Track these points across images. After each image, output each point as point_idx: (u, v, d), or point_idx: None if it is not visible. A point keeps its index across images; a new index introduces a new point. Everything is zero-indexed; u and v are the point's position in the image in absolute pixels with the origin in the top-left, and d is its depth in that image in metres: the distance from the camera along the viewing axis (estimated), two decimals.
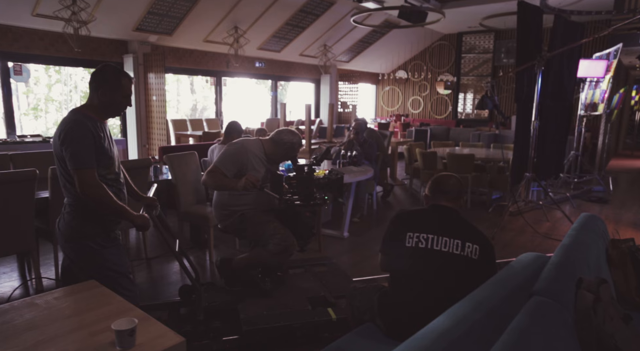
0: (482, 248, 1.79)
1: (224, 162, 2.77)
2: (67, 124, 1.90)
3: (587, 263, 1.80)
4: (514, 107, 10.27)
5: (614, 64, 6.93)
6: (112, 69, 2.00)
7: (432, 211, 1.94)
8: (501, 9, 8.33)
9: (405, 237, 1.85)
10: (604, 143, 8.05)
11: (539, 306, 1.30)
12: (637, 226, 5.20)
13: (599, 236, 2.18)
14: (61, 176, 1.98)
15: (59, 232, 2.04)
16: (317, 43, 10.06)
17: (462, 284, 1.71)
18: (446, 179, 1.98)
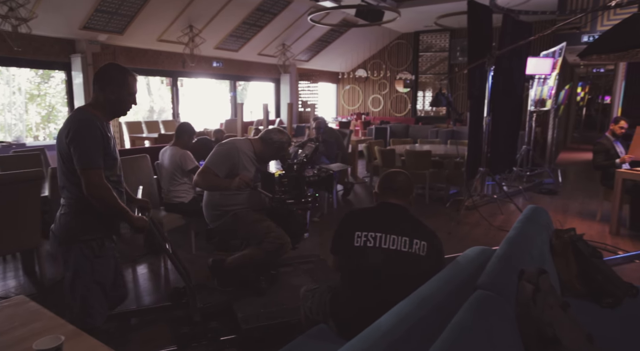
0: (430, 244, 1.80)
1: (216, 162, 2.78)
2: (76, 123, 1.87)
3: (531, 254, 1.84)
4: (468, 104, 10.58)
5: (560, 61, 7.24)
6: (117, 67, 1.99)
7: (381, 209, 1.93)
8: (454, 8, 8.54)
9: (354, 236, 1.83)
10: (553, 137, 8.41)
11: (481, 301, 1.31)
12: (582, 215, 5.46)
13: (543, 227, 2.24)
14: (62, 176, 1.94)
15: (53, 235, 1.99)
16: (275, 42, 9.98)
17: (411, 282, 1.71)
18: (394, 176, 1.98)
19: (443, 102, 5.32)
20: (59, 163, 1.95)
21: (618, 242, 4.41)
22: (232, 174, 2.77)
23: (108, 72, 1.97)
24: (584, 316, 1.67)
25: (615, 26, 3.92)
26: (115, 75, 1.97)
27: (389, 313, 1.25)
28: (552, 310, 1.49)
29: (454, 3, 8.26)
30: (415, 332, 1.16)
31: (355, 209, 1.97)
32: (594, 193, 6.51)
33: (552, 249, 2.22)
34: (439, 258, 1.83)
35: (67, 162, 1.90)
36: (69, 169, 1.91)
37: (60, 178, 1.96)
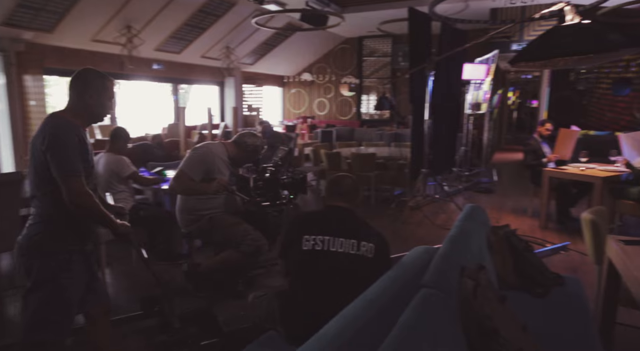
0: (377, 246, 1.84)
1: (191, 167, 2.80)
2: (53, 129, 1.81)
3: (471, 251, 1.94)
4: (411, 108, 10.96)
5: (493, 68, 7.69)
6: (94, 72, 1.96)
7: (329, 212, 1.96)
8: (396, 14, 8.82)
9: (302, 240, 1.84)
10: (489, 139, 8.91)
11: (426, 299, 1.36)
12: (516, 211, 5.82)
13: (481, 224, 2.37)
14: (33, 185, 1.87)
15: (18, 245, 1.89)
16: (219, 45, 9.80)
17: (360, 284, 1.74)
18: (341, 180, 2.01)
19: (386, 105, 5.48)
20: (30, 171, 1.87)
21: (546, 235, 4.75)
22: (207, 178, 2.79)
23: (86, 76, 1.93)
24: (517, 307, 1.77)
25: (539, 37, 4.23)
26: (94, 79, 1.93)
27: (336, 317, 1.27)
28: (491, 303, 1.57)
29: (396, 10, 8.54)
30: (364, 335, 1.19)
31: (303, 213, 1.98)
32: (525, 191, 6.95)
33: (489, 245, 2.36)
34: (386, 259, 1.88)
35: (40, 171, 1.83)
36: (41, 178, 1.83)
37: (31, 187, 1.88)
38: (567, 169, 4.82)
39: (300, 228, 1.89)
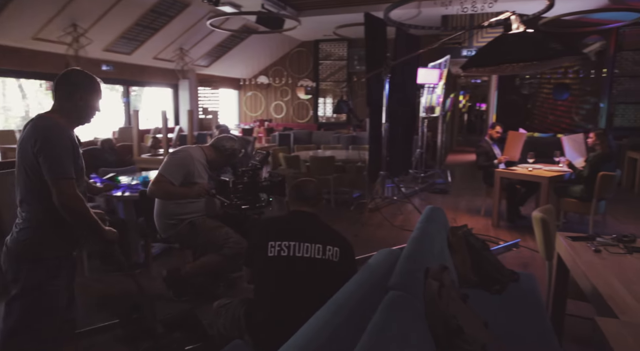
0: (342, 249, 1.85)
1: (171, 171, 2.78)
2: (44, 131, 1.77)
3: (433, 252, 1.99)
4: (367, 111, 11.13)
5: (445, 72, 7.97)
6: (83, 73, 1.93)
7: (293, 217, 1.94)
8: (352, 19, 8.93)
9: (267, 246, 1.81)
10: (442, 141, 9.21)
11: (394, 301, 1.37)
12: (470, 211, 6.04)
13: (441, 225, 2.44)
14: (23, 188, 1.82)
15: (8, 250, 1.83)
16: (172, 46, 9.53)
17: (326, 288, 1.74)
18: (305, 184, 2.00)
19: (344, 109, 5.54)
20: (20, 174, 1.83)
21: (499, 233, 4.96)
22: (187, 182, 2.79)
23: (75, 77, 1.89)
24: (477, 304, 1.83)
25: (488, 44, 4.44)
26: (83, 81, 1.90)
27: (307, 324, 1.25)
28: (454, 302, 1.62)
29: (352, 14, 8.66)
30: (336, 340, 1.18)
31: (267, 219, 1.96)
32: (478, 191, 7.24)
33: (449, 245, 2.43)
34: (351, 263, 1.89)
35: (31, 174, 1.79)
36: (32, 181, 1.80)
37: (21, 191, 1.84)
38: (517, 170, 5.06)
39: (265, 235, 1.86)
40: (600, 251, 2.20)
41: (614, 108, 10.24)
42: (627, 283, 1.83)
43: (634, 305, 1.63)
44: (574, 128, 10.38)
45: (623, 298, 1.68)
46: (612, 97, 10.18)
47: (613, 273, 1.94)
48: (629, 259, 2.13)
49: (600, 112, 10.25)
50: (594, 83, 10.25)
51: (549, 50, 3.68)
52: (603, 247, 2.24)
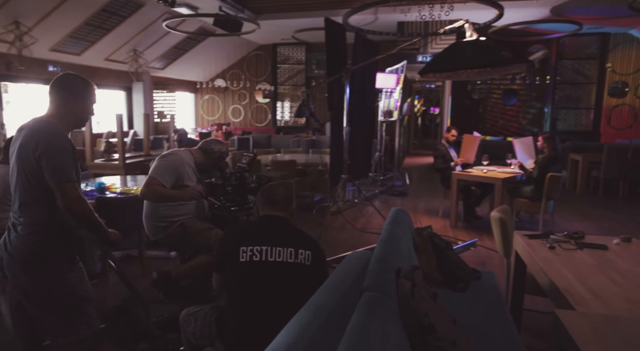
0: (314, 253, 1.86)
1: (162, 173, 2.81)
2: (46, 135, 1.78)
3: (402, 253, 2.04)
4: (327, 115, 11.23)
5: (402, 77, 8.18)
6: (78, 77, 1.95)
7: (264, 222, 1.93)
8: (311, 23, 9.00)
9: (239, 252, 1.79)
10: (400, 144, 9.44)
11: (370, 302, 1.40)
12: (429, 213, 6.22)
13: (407, 227, 2.50)
14: (24, 192, 1.81)
15: (11, 258, 1.82)
16: (125, 47, 9.20)
17: (300, 292, 1.74)
18: (274, 189, 2.00)
19: (306, 113, 5.56)
20: (20, 179, 1.82)
21: (457, 233, 5.15)
22: (178, 184, 2.85)
23: (70, 82, 1.91)
24: (444, 302, 1.89)
25: (444, 51, 4.61)
26: (79, 85, 1.91)
27: (287, 327, 1.25)
28: (425, 301, 1.67)
29: (310, 19, 8.71)
30: (318, 342, 1.19)
31: (238, 224, 1.93)
32: (435, 193, 7.48)
33: (415, 246, 2.49)
34: (323, 266, 1.90)
35: (32, 178, 1.79)
36: (33, 185, 1.80)
37: (20, 195, 1.82)
38: (472, 172, 5.27)
39: (237, 240, 1.83)
40: (554, 248, 2.34)
41: (557, 113, 10.91)
42: (580, 277, 1.95)
43: (588, 297, 1.74)
44: (522, 131, 10.96)
45: (578, 291, 1.80)
46: (555, 103, 10.84)
47: (567, 268, 2.07)
48: (579, 254, 2.28)
49: (545, 116, 10.89)
50: (539, 89, 10.87)
51: (501, 58, 3.87)
52: (557, 244, 2.38)
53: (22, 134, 1.83)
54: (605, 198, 7.25)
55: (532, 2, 7.62)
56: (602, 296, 1.74)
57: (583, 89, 10.74)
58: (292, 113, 13.01)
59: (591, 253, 2.28)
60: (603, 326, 1.49)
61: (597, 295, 1.75)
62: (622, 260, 2.18)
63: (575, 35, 9.74)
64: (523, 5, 7.71)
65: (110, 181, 4.57)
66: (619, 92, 10.47)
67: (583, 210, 6.37)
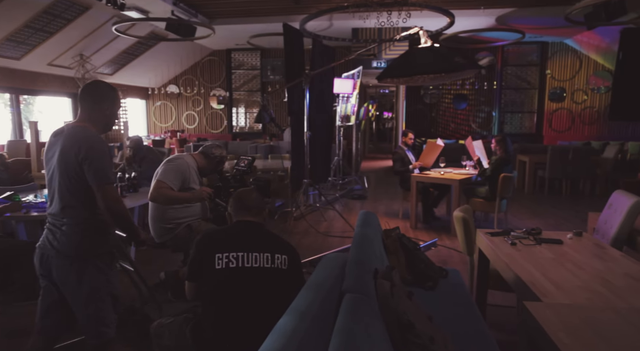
0: (290, 257, 1.84)
1: (169, 177, 2.90)
2: (87, 140, 1.90)
3: (375, 254, 2.07)
4: (286, 120, 11.21)
5: (358, 82, 8.33)
6: (106, 84, 2.08)
7: (238, 227, 1.89)
8: (266, 29, 8.97)
9: (214, 259, 1.75)
10: (357, 148, 9.59)
11: (353, 303, 1.41)
12: (389, 215, 6.35)
13: (377, 229, 2.54)
14: (67, 194, 1.92)
15: (58, 254, 1.93)
16: (71, 52, 8.76)
17: (277, 298, 1.73)
18: (247, 194, 1.97)
19: (266, 118, 5.52)
20: (63, 182, 1.92)
21: (417, 234, 5.28)
22: (184, 187, 2.95)
23: (100, 88, 2.03)
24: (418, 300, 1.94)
25: (401, 56, 4.75)
26: (108, 91, 2.04)
27: (272, 333, 1.23)
28: (403, 300, 1.70)
29: (266, 24, 8.69)
30: (306, 346, 1.18)
31: (211, 231, 1.88)
32: (394, 195, 7.65)
33: (385, 247, 2.54)
34: (299, 270, 1.90)
35: (75, 181, 1.90)
36: (76, 187, 1.91)
37: (63, 197, 1.93)
38: (430, 174, 5.44)
39: (211, 247, 1.79)
40: (515, 244, 2.46)
41: (504, 116, 11.50)
42: (542, 270, 2.06)
43: (551, 289, 1.84)
44: (473, 135, 11.45)
45: (542, 283, 1.90)
46: (501, 107, 11.43)
47: (529, 262, 2.18)
48: (539, 249, 2.41)
49: (493, 120, 11.44)
50: (486, 94, 11.42)
51: (456, 64, 4.04)
52: (518, 240, 2.51)
53: (61, 139, 1.93)
54: (550, 196, 7.70)
55: (479, 12, 8.02)
56: (563, 288, 1.85)
57: (526, 94, 11.41)
58: (249, 119, 12.89)
59: (549, 248, 2.41)
60: (568, 315, 1.59)
61: (559, 287, 1.86)
62: (576, 253, 2.32)
63: (518, 43, 10.34)
64: (471, 14, 8.09)
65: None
66: (558, 97, 11.20)
67: (532, 208, 6.74)
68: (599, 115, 11.04)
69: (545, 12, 8.14)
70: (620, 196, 2.92)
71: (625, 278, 1.96)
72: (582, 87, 11.04)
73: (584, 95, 11.06)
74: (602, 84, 10.87)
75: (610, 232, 2.83)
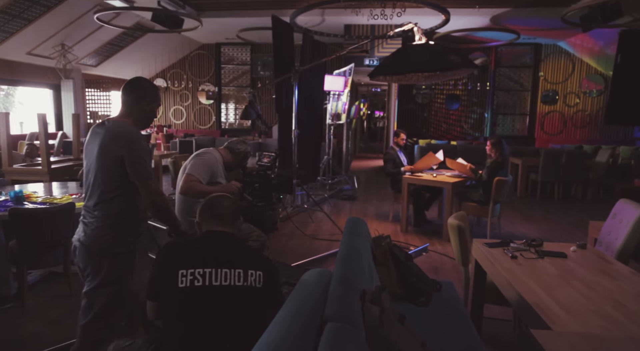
0: (266, 273, 1.62)
1: (199, 170, 2.92)
2: (128, 135, 1.93)
3: (363, 269, 1.85)
4: (274, 117, 10.95)
5: (350, 80, 8.11)
6: (147, 80, 2.13)
7: (207, 239, 1.66)
8: (256, 23, 8.70)
9: (178, 276, 1.52)
10: (347, 148, 9.37)
11: (335, 335, 1.19)
12: (378, 217, 6.15)
13: (365, 237, 2.33)
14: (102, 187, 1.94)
15: (83, 247, 1.97)
16: (51, 41, 8.41)
17: (251, 319, 1.50)
18: (219, 201, 1.74)
19: (253, 115, 5.27)
20: (100, 177, 1.94)
21: (408, 238, 5.09)
22: (212, 181, 2.99)
23: (142, 84, 2.07)
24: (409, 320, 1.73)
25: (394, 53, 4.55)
26: (149, 88, 2.08)
27: None
28: (394, 326, 1.49)
29: (256, 18, 8.42)
30: None
31: (175, 243, 1.65)
32: (384, 196, 7.46)
33: (374, 258, 2.32)
34: (276, 287, 1.67)
35: (113, 176, 1.93)
36: (112, 182, 1.93)
37: (99, 192, 1.95)
38: (422, 176, 5.24)
39: (174, 262, 1.55)
40: (516, 258, 2.26)
41: (496, 118, 11.37)
42: (548, 289, 1.86)
43: (560, 313, 1.64)
44: (464, 136, 11.31)
45: (549, 306, 1.70)
46: (493, 109, 11.30)
47: (532, 279, 1.98)
48: (541, 263, 2.21)
49: (485, 121, 11.31)
50: (479, 95, 11.28)
51: (451, 62, 3.83)
52: (518, 253, 2.31)
53: (102, 134, 1.95)
54: (542, 200, 7.57)
55: (474, 11, 7.84)
56: (574, 312, 1.65)
57: (519, 96, 11.28)
58: (238, 115, 12.60)
59: (552, 262, 2.22)
60: (584, 347, 1.38)
61: (569, 311, 1.66)
62: (583, 269, 2.13)
63: (511, 44, 10.20)
64: (465, 14, 7.91)
65: (33, 188, 4.04)
66: (550, 100, 11.10)
67: (524, 212, 6.58)
68: (590, 118, 10.96)
69: (540, 13, 8.00)
70: (626, 206, 2.74)
71: (639, 300, 1.77)
72: (575, 90, 10.95)
73: (576, 98, 10.97)
74: (595, 88, 10.79)
75: (615, 244, 2.65)
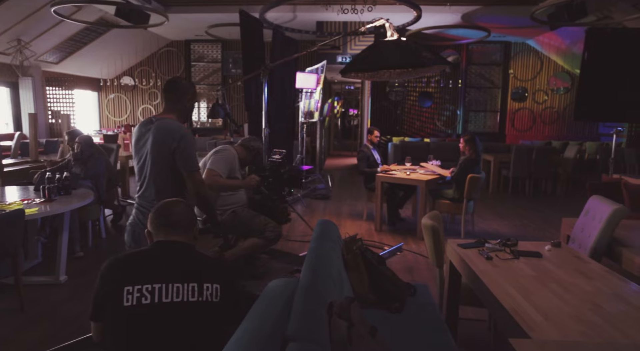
0: (224, 285, 1.47)
1: (220, 166, 3.08)
2: (180, 131, 2.14)
3: (332, 276, 1.73)
4: (245, 115, 10.73)
5: (322, 77, 7.98)
6: (185, 80, 2.33)
7: (157, 251, 1.50)
8: (226, 18, 8.46)
9: (123, 294, 1.35)
10: (321, 146, 9.24)
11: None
12: (352, 216, 6.05)
13: (336, 242, 2.20)
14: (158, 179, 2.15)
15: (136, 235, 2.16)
16: (5, 36, 7.95)
17: (205, 338, 1.36)
18: (171, 207, 1.57)
19: (221, 113, 5.07)
20: (155, 169, 2.14)
21: (382, 237, 5.01)
22: (230, 176, 3.14)
23: (182, 83, 2.25)
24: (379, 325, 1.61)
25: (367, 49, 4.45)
26: (188, 86, 2.26)
27: None
28: (364, 341, 1.36)
29: (225, 14, 8.18)
30: None
31: (121, 256, 1.47)
32: (358, 195, 7.37)
33: (345, 263, 2.20)
34: (235, 299, 1.52)
35: (167, 168, 2.12)
36: (168, 174, 2.14)
37: (157, 183, 2.15)
38: (396, 174, 5.16)
39: (119, 277, 1.39)
40: (491, 259, 2.18)
41: (468, 115, 11.48)
42: (525, 292, 1.78)
43: (539, 319, 1.56)
44: (437, 133, 11.36)
45: (527, 311, 1.61)
46: (465, 106, 11.39)
47: (509, 281, 1.90)
48: (517, 264, 2.14)
49: (458, 118, 11.39)
50: (451, 93, 11.35)
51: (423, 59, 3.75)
52: (494, 253, 2.23)
53: (152, 130, 2.14)
54: (514, 196, 7.64)
55: (445, 8, 7.84)
56: (552, 318, 1.57)
57: (489, 93, 11.42)
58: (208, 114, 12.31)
59: (528, 262, 2.15)
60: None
61: (547, 316, 1.58)
62: (558, 269, 2.07)
63: (482, 42, 10.29)
64: (437, 11, 7.89)
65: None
66: (520, 97, 11.28)
67: (496, 208, 6.62)
68: (558, 115, 11.19)
69: (510, 12, 8.07)
70: (598, 203, 2.71)
71: (617, 301, 1.71)
72: (543, 87, 11.16)
73: (544, 95, 11.18)
74: (562, 85, 11.02)
75: (588, 241, 2.61)
